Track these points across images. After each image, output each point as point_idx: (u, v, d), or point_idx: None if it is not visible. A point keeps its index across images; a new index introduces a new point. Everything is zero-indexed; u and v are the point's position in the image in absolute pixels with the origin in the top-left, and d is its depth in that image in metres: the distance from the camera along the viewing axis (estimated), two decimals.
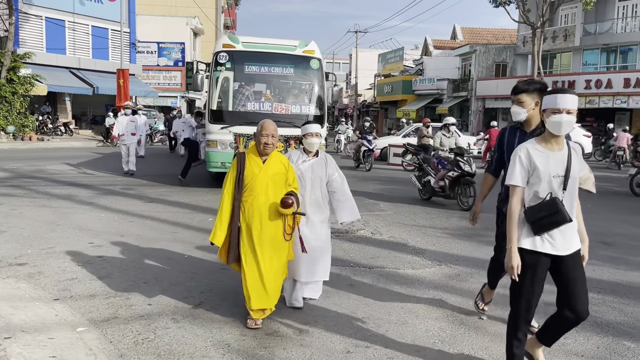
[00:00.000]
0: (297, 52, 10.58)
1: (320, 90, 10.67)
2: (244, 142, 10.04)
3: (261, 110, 10.31)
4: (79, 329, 3.74)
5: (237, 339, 3.67)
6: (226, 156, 10.08)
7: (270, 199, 3.85)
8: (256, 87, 10.69)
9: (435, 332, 3.89)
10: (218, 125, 10.20)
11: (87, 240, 6.33)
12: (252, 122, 9.60)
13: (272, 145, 3.89)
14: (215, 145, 10.22)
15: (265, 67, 10.52)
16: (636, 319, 4.23)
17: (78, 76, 27.27)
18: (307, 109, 10.56)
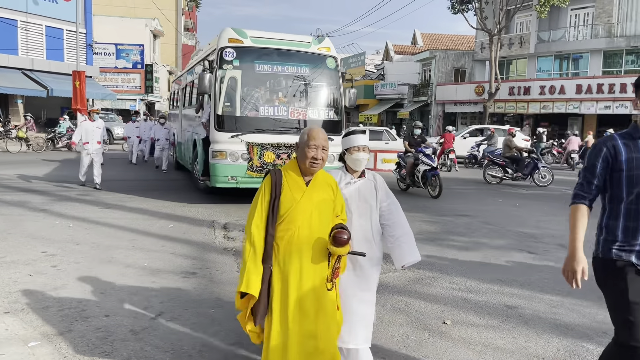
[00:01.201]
0: (312, 49, 9.54)
1: (337, 92, 9.65)
2: (257, 153, 8.93)
3: (276, 115, 9.15)
4: (30, 343, 3.56)
5: (199, 351, 3.57)
6: (237, 169, 8.93)
7: (314, 234, 2.80)
8: (268, 88, 9.48)
9: (399, 337, 3.88)
10: (227, 133, 8.89)
11: (40, 249, 6.07)
12: (267, 130, 8.98)
13: (322, 162, 2.86)
14: (224, 156, 8.91)
15: (278, 65, 9.29)
16: (593, 320, 4.34)
17: (31, 78, 26.34)
18: (325, 113, 9.54)
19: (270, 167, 8.65)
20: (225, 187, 9.07)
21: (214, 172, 9.04)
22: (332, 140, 8.68)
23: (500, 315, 4.40)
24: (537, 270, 5.80)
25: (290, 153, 8.91)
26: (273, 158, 8.94)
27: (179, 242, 6.63)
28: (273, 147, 8.97)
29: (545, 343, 3.85)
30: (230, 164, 8.91)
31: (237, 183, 8.93)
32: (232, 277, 5.23)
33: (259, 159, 8.91)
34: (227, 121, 8.99)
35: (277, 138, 9.03)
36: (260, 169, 8.88)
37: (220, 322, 4.05)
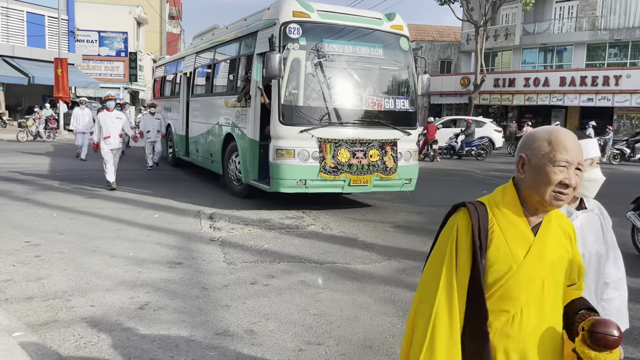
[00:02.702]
0: (385, 27, 8.18)
1: (411, 78, 8.42)
2: (331, 151, 7.50)
3: (348, 104, 7.87)
4: (15, 334, 3.52)
5: (186, 340, 3.57)
6: (308, 171, 7.45)
7: (546, 321, 1.59)
8: (338, 73, 7.98)
9: (386, 327, 3.92)
10: (295, 127, 7.46)
11: (23, 239, 6.00)
12: (340, 123, 7.68)
13: (573, 192, 1.58)
14: (292, 155, 7.43)
15: (349, 46, 7.87)
16: None
17: (12, 65, 25.88)
18: (401, 103, 8.27)
19: (345, 167, 7.56)
20: (292, 192, 7.73)
21: (277, 175, 7.51)
22: (408, 135, 8.14)
23: None
24: None
25: (367, 151, 7.69)
26: (348, 157, 7.57)
27: (164, 232, 6.60)
28: (347, 143, 7.60)
29: None
30: (299, 165, 7.44)
31: (307, 187, 7.56)
32: (218, 267, 5.23)
33: (332, 159, 7.50)
34: (294, 113, 7.54)
35: (352, 132, 7.69)
36: (334, 171, 7.51)
37: (206, 312, 4.05)
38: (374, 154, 7.73)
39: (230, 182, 9.38)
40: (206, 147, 10.82)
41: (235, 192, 9.20)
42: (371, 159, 7.69)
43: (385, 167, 7.80)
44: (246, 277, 4.93)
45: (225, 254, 5.67)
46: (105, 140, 9.70)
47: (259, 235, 6.61)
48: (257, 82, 8.12)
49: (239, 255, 5.65)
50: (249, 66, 8.75)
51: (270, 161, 7.63)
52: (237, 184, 9.14)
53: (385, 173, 7.81)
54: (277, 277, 4.97)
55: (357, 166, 7.60)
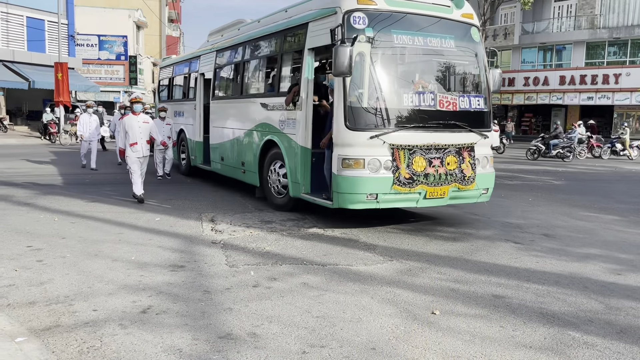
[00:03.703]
0: (455, 15, 7.25)
1: (483, 73, 7.53)
2: (405, 159, 6.54)
3: (421, 105, 6.75)
4: (18, 339, 3.52)
5: (189, 344, 3.56)
6: (380, 183, 6.49)
7: None
8: (408, 68, 7.17)
9: (389, 328, 3.91)
10: (364, 132, 6.47)
11: (25, 244, 6.00)
12: (415, 126, 6.69)
13: None
14: (361, 165, 6.46)
15: (419, 37, 6.90)
16: (579, 308, 4.41)
17: (12, 69, 25.94)
18: (476, 102, 7.28)
19: (421, 178, 6.63)
20: (360, 208, 6.71)
21: (344, 188, 6.53)
22: (485, 138, 7.25)
23: (488, 304, 4.46)
24: (523, 260, 5.87)
25: (443, 158, 6.81)
26: (424, 166, 6.66)
27: (166, 236, 6.60)
28: (422, 150, 6.68)
29: (532, 332, 3.91)
30: (370, 177, 6.47)
31: (378, 202, 6.58)
32: (221, 269, 5.22)
33: (406, 168, 6.56)
34: (363, 116, 6.55)
35: (427, 137, 6.73)
36: (409, 182, 6.58)
37: (209, 315, 4.05)
38: (451, 161, 6.84)
39: (271, 195, 8.44)
40: (235, 155, 9.76)
41: (278, 206, 8.28)
42: (448, 167, 6.81)
43: (463, 176, 6.92)
44: (248, 279, 4.93)
45: (227, 257, 5.67)
46: (131, 148, 8.82)
47: (260, 237, 6.60)
48: (309, 81, 7.33)
49: (241, 258, 5.65)
50: (297, 63, 7.99)
51: (333, 172, 6.66)
52: (280, 197, 8.22)
53: (464, 183, 6.94)
54: (280, 279, 4.97)
55: (434, 176, 6.72)
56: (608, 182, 14.58)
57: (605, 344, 3.74)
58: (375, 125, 6.56)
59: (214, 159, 10.88)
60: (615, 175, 16.55)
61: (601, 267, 5.67)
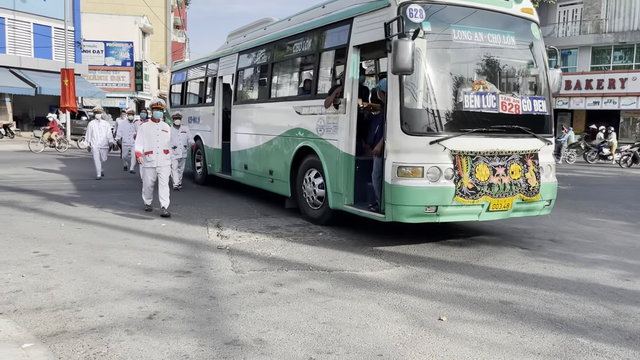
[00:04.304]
0: (515, 10, 6.71)
1: (544, 73, 6.95)
2: (468, 167, 5.99)
3: (483, 107, 6.19)
4: (24, 345, 3.52)
5: (196, 350, 3.55)
6: (440, 194, 5.89)
7: None
8: (469, 67, 6.57)
9: (396, 334, 3.89)
10: (423, 137, 5.91)
11: (32, 249, 6.01)
12: (477, 130, 6.12)
13: None
14: (419, 174, 5.86)
15: (479, 33, 6.36)
16: (587, 315, 4.37)
17: (19, 76, 26.14)
18: (538, 105, 6.68)
19: (484, 188, 6.05)
20: (417, 222, 6.10)
21: (399, 200, 5.91)
22: (548, 145, 6.71)
23: (496, 310, 4.43)
24: (530, 266, 5.84)
25: (507, 166, 6.24)
26: (487, 174, 6.08)
27: (172, 241, 6.60)
28: (485, 157, 6.12)
29: (540, 338, 3.88)
30: (430, 187, 5.87)
31: (438, 215, 5.98)
32: (227, 275, 5.21)
33: (469, 177, 5.99)
34: (422, 119, 5.97)
35: (489, 143, 6.17)
36: (472, 193, 5.97)
37: (215, 321, 4.04)
38: (515, 169, 6.29)
39: (305, 206, 7.87)
40: (262, 163, 9.11)
41: (313, 219, 7.71)
42: (512, 177, 6.25)
43: (527, 186, 6.36)
44: (254, 285, 4.92)
45: (233, 262, 5.66)
46: (146, 156, 8.25)
47: (266, 242, 6.60)
48: (354, 81, 6.81)
49: (247, 264, 5.64)
50: (339, 62, 7.42)
51: (386, 182, 6.05)
52: (315, 209, 7.63)
53: (528, 194, 6.37)
54: (286, 285, 4.95)
55: (499, 186, 6.14)
56: (615, 187, 14.50)
57: (614, 350, 3.70)
58: (435, 130, 5.97)
59: (236, 168, 10.24)
60: (621, 180, 16.47)
61: (609, 273, 5.63)
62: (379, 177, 6.41)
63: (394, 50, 5.62)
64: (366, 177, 6.84)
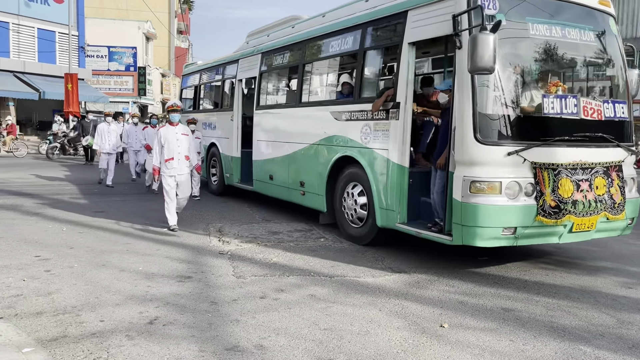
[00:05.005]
0: (591, 2, 5.97)
1: (623, 73, 6.22)
2: (550, 182, 5.21)
3: (563, 112, 5.40)
4: (25, 349, 3.51)
5: (196, 355, 3.54)
6: (520, 214, 5.14)
7: None
8: (547, 66, 5.80)
9: (397, 341, 3.87)
10: (499, 147, 5.15)
11: (33, 254, 6.01)
12: (559, 139, 5.35)
13: None
14: (496, 190, 5.10)
15: (557, 27, 5.60)
16: (590, 322, 4.35)
17: (23, 80, 26.23)
18: (620, 110, 5.90)
19: (568, 206, 5.27)
20: (492, 245, 5.29)
21: (471, 221, 5.12)
22: (631, 155, 5.89)
23: (497, 318, 4.41)
24: (533, 273, 5.81)
25: (591, 180, 5.47)
26: (571, 190, 5.32)
27: (173, 246, 6.59)
28: (568, 170, 5.35)
29: (542, 346, 3.85)
30: (508, 205, 5.11)
31: (516, 238, 5.25)
32: (228, 280, 5.20)
33: (552, 193, 5.23)
34: (498, 126, 5.23)
35: (571, 153, 5.42)
36: (555, 212, 5.22)
37: (216, 327, 4.03)
38: (600, 184, 5.51)
39: (345, 223, 7.11)
40: (292, 173, 8.29)
41: (353, 238, 6.96)
42: (597, 192, 5.47)
43: (613, 202, 5.58)
44: (256, 291, 4.90)
45: (235, 268, 5.65)
46: (166, 164, 7.48)
47: (268, 248, 6.59)
48: (409, 82, 6.04)
49: (248, 269, 5.63)
50: (389, 61, 6.97)
51: (454, 199, 5.27)
52: (357, 227, 6.90)
53: (613, 212, 5.58)
54: (287, 290, 4.94)
55: (583, 203, 5.35)
56: None
57: (616, 358, 3.67)
58: (513, 138, 5.23)
59: (259, 178, 9.39)
60: None
61: (612, 281, 5.60)
62: (442, 192, 5.66)
63: (472, 46, 4.80)
64: (420, 191, 6.19)
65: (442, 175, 5.68)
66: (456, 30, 5.25)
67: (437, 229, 5.72)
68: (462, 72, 5.16)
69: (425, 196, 6.16)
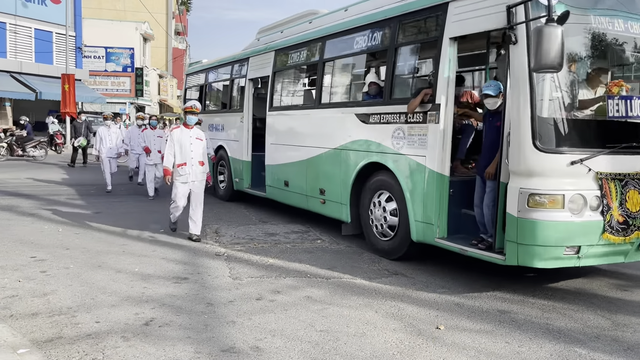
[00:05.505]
0: None
1: None
2: (617, 195, 4.71)
3: (629, 115, 4.73)
4: (20, 350, 3.50)
5: (192, 357, 3.53)
6: (584, 231, 4.63)
7: None
8: (606, 63, 5.25)
9: (393, 343, 3.87)
10: (560, 156, 4.58)
11: (29, 254, 6.00)
12: (626, 147, 4.79)
13: None
14: (559, 204, 4.56)
15: (619, 20, 5.03)
16: (585, 325, 4.36)
17: (20, 81, 26.16)
18: None
19: (637, 221, 4.79)
20: (552, 267, 4.79)
21: (531, 239, 4.57)
22: None
23: (493, 320, 4.41)
24: (528, 275, 5.82)
25: None
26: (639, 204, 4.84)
27: (170, 247, 6.59)
28: (635, 180, 4.85)
29: (538, 348, 3.86)
30: (572, 221, 4.57)
31: (579, 258, 4.70)
32: (224, 282, 5.20)
33: (619, 207, 4.72)
34: (561, 131, 4.69)
35: (636, 162, 4.89)
36: (623, 229, 4.73)
37: (212, 328, 4.02)
38: None
39: (372, 236, 6.53)
40: (311, 180, 7.68)
41: (382, 251, 6.39)
42: None
43: None
44: (252, 292, 4.90)
45: (231, 269, 5.65)
46: (178, 169, 6.91)
47: (264, 249, 6.59)
48: (450, 81, 5.50)
49: (245, 270, 5.63)
50: (424, 58, 6.57)
51: (509, 214, 4.71)
52: (386, 240, 6.32)
53: None
54: (283, 292, 4.94)
55: None
56: None
57: None
58: (576, 145, 4.68)
59: (272, 184, 8.78)
60: None
61: (607, 283, 5.62)
62: (493, 205, 5.09)
63: (537, 41, 4.23)
64: (460, 202, 5.69)
65: (493, 186, 5.11)
66: (511, 23, 4.65)
67: (484, 246, 5.17)
68: (518, 70, 4.63)
69: (466, 208, 5.66)
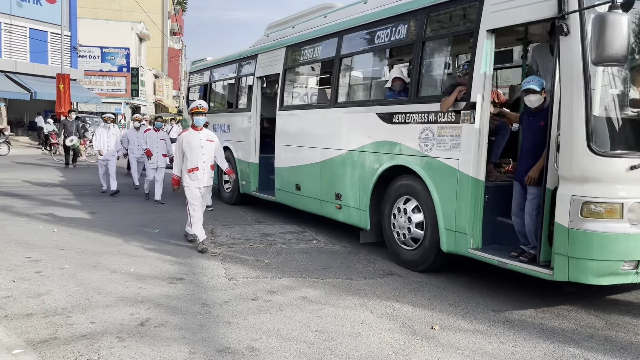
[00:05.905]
0: None
1: None
2: None
3: None
4: (14, 351, 3.50)
5: (187, 357, 3.53)
6: None
7: None
8: None
9: (389, 343, 3.88)
10: (619, 160, 4.12)
11: (24, 255, 5.98)
12: None
13: None
14: (616, 214, 4.13)
15: None
16: (579, 324, 4.38)
17: (14, 80, 26.06)
18: None
19: None
20: (607, 284, 4.38)
21: (586, 252, 4.16)
22: None
23: (488, 320, 4.43)
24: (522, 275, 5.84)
25: None
26: None
27: (165, 247, 6.58)
28: None
29: (531, 348, 3.88)
30: (632, 233, 4.13)
31: (638, 274, 4.26)
32: (220, 282, 5.20)
33: None
34: (620, 132, 4.31)
35: None
36: None
37: (207, 328, 4.03)
38: None
39: (395, 245, 6.10)
40: (325, 183, 7.24)
41: (406, 262, 5.94)
42: None
43: None
44: (247, 292, 4.91)
45: (227, 270, 5.65)
46: (189, 175, 6.57)
47: (260, 250, 6.59)
48: (487, 77, 4.99)
49: (240, 271, 5.63)
50: (456, 52, 6.19)
51: (558, 224, 4.30)
52: (410, 250, 5.89)
53: None
54: (279, 292, 4.95)
55: None
56: None
57: None
58: (635, 148, 4.23)
59: (282, 187, 8.34)
60: None
61: None
62: (537, 214, 4.67)
63: (599, 30, 3.80)
64: (496, 210, 5.22)
65: (537, 193, 4.68)
66: (562, 11, 4.21)
67: (526, 259, 4.74)
68: (571, 64, 4.18)
69: (502, 216, 5.22)
